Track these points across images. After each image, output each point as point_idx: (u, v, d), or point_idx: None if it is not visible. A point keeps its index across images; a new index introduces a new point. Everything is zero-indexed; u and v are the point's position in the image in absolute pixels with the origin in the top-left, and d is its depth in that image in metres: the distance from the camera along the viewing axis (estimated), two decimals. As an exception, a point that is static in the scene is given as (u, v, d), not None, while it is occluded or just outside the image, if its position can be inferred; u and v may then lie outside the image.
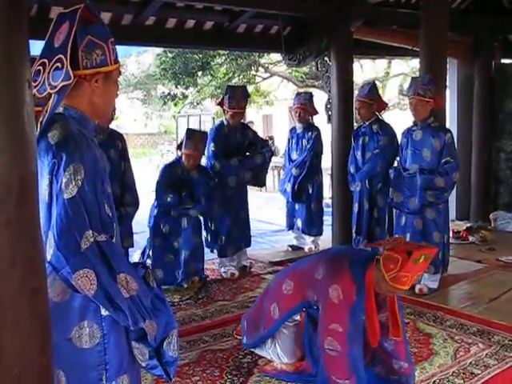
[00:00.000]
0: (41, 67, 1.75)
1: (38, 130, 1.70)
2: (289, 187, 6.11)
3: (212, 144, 5.21)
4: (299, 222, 6.20)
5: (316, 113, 6.29)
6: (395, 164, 5.02)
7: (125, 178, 4.47)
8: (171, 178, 5.01)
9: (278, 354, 3.26)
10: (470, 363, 3.33)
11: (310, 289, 2.98)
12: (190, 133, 5.06)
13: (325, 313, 2.85)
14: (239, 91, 5.34)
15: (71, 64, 1.70)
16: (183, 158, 4.99)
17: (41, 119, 1.71)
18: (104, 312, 1.74)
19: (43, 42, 1.81)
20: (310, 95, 6.30)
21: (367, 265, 2.75)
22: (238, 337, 3.66)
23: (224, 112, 5.38)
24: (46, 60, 1.75)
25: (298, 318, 3.23)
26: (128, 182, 4.49)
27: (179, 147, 5.12)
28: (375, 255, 2.74)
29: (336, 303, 2.76)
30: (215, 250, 5.38)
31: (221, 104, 5.36)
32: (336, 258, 2.98)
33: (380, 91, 6.43)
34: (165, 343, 1.86)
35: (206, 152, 5.27)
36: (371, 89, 5.29)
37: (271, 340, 3.28)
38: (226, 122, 5.34)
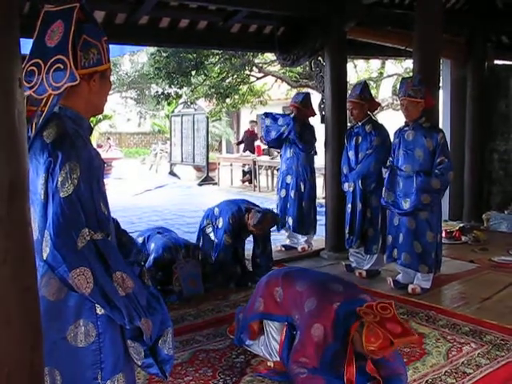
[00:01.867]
0: (34, 67, 1.74)
1: (33, 130, 1.70)
2: (289, 179, 6.22)
3: (225, 235, 5.00)
4: (290, 221, 6.20)
5: (313, 114, 6.29)
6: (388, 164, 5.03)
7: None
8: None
9: (270, 352, 3.28)
10: (463, 363, 3.34)
11: (296, 312, 3.07)
12: None
13: (301, 345, 2.93)
14: (269, 216, 5.04)
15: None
16: None
17: (36, 120, 1.71)
18: (99, 311, 1.74)
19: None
20: (305, 96, 6.32)
21: (352, 320, 2.81)
22: (231, 335, 3.67)
23: (248, 222, 5.01)
24: (39, 60, 1.74)
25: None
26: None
27: None
28: (361, 312, 2.78)
29: (315, 341, 2.85)
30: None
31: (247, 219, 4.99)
32: (328, 294, 3.03)
33: (374, 91, 6.47)
34: (160, 341, 1.86)
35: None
36: (363, 89, 5.30)
37: (263, 337, 3.30)
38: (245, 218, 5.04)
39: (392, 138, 5.04)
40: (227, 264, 5.04)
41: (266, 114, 6.40)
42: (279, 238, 6.63)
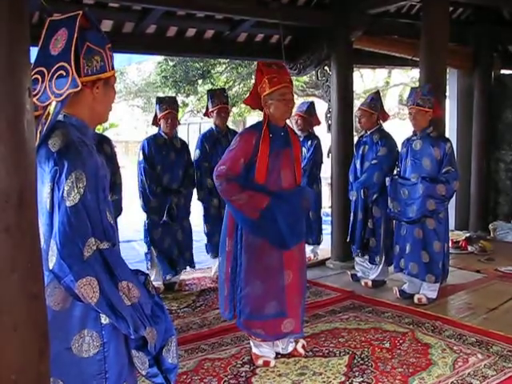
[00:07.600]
0: (38, 75, 1.74)
1: (38, 138, 1.69)
2: None
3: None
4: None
5: (318, 123, 6.29)
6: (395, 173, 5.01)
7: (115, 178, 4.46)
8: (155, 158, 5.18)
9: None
10: (469, 374, 3.32)
11: None
12: (161, 99, 5.33)
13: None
14: None
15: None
16: (162, 123, 5.15)
17: (40, 128, 1.71)
18: (104, 320, 1.73)
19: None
20: (310, 104, 6.33)
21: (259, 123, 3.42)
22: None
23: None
24: (43, 68, 1.74)
25: None
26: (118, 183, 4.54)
27: (154, 122, 5.28)
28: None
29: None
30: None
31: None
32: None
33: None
34: (164, 350, 1.85)
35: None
36: (373, 99, 5.30)
37: None
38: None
39: (399, 147, 5.03)
40: None
41: None
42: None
